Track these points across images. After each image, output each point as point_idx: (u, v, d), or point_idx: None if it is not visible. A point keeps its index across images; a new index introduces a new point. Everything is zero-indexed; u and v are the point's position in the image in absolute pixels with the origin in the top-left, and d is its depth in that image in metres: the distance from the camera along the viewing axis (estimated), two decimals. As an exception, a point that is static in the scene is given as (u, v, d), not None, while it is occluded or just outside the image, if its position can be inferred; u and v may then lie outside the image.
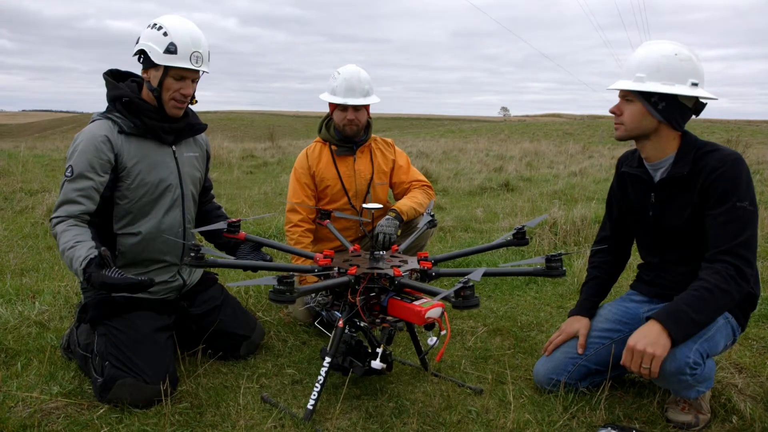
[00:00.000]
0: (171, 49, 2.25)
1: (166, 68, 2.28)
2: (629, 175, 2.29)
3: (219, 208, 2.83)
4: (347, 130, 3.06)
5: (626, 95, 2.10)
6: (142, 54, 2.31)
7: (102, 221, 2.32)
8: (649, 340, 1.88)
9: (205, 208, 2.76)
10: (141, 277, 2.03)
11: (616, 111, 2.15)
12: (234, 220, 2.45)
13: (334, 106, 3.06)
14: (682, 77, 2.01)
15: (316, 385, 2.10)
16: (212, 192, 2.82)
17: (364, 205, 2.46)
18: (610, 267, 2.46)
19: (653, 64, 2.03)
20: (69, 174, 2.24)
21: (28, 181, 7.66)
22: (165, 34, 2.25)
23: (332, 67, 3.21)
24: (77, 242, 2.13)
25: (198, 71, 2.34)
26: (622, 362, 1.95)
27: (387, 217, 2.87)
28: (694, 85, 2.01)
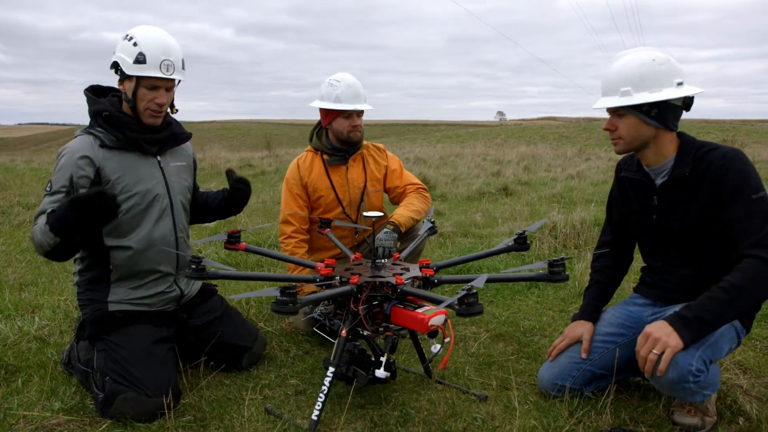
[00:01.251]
0: (140, 59, 2.25)
1: (138, 78, 2.28)
2: (629, 180, 2.28)
3: (205, 192, 2.79)
4: (352, 137, 3.06)
5: (617, 110, 2.10)
6: (116, 66, 2.32)
7: (93, 237, 2.30)
8: (666, 332, 1.88)
9: (198, 202, 2.73)
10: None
11: (611, 127, 2.14)
12: (234, 231, 2.45)
13: (333, 116, 3.04)
14: (666, 80, 2.01)
15: (320, 395, 2.08)
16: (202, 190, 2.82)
17: (365, 214, 2.46)
18: (612, 271, 2.46)
19: (635, 75, 2.02)
20: (48, 189, 2.25)
21: (26, 195, 7.63)
22: (135, 44, 2.26)
23: (329, 74, 3.23)
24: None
25: (170, 80, 2.33)
26: (636, 348, 1.94)
27: (385, 230, 2.85)
28: (680, 84, 2.02)
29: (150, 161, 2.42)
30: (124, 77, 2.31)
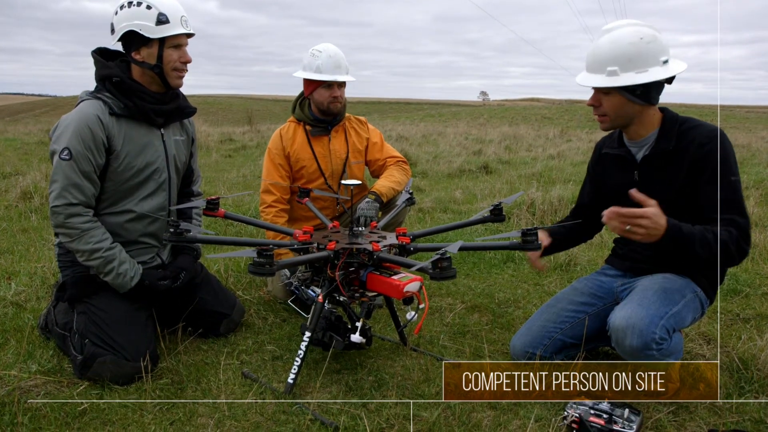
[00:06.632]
0: (162, 20, 2.22)
1: (162, 41, 2.24)
2: (612, 156, 2.31)
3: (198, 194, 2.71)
4: (332, 108, 3.05)
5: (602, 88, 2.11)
6: (127, 37, 2.25)
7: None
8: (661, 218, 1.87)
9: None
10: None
11: (595, 103, 2.14)
12: (213, 197, 2.45)
13: (314, 86, 3.03)
14: (653, 60, 2.02)
15: (297, 359, 2.12)
16: (197, 188, 2.72)
17: (343, 182, 2.48)
18: (577, 227, 2.50)
19: (623, 54, 2.01)
20: (66, 156, 2.16)
21: (1, 165, 7.49)
22: (149, 7, 2.22)
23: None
24: (114, 245, 2.26)
25: (191, 34, 2.33)
26: (604, 219, 1.90)
27: (367, 199, 2.87)
28: (665, 62, 2.04)
29: (154, 133, 2.38)
30: (141, 45, 2.25)
